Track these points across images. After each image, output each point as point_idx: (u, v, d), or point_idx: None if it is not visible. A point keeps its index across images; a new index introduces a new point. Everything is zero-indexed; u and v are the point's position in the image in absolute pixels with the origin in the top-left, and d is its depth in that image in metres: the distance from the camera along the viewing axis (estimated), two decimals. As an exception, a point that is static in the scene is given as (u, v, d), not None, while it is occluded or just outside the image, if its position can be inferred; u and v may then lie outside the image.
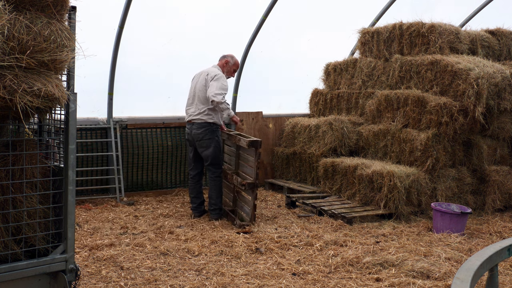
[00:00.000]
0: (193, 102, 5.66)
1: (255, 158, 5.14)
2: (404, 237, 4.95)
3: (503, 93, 5.89)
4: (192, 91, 5.72)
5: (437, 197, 5.86)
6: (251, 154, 5.30)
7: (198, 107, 5.57)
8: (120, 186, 6.50)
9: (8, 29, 2.34)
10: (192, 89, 5.72)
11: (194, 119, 5.59)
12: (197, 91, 5.60)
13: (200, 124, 5.55)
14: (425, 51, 6.51)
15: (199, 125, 5.56)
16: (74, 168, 2.85)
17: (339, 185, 6.41)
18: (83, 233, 4.91)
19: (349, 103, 7.58)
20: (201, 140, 5.55)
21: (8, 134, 2.91)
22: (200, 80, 5.64)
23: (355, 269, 4.03)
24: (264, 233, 4.95)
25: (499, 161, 6.40)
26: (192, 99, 5.68)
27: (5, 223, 2.74)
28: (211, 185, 5.62)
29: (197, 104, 5.59)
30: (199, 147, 5.60)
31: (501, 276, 3.98)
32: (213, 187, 5.61)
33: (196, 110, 5.58)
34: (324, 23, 8.23)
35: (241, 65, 7.64)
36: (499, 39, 7.16)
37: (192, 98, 5.69)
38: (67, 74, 2.88)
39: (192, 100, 5.67)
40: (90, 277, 3.74)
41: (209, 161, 5.59)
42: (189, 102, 5.73)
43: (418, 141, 5.90)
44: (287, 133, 7.70)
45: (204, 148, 5.56)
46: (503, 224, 5.62)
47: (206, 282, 3.67)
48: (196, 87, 5.64)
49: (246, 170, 5.46)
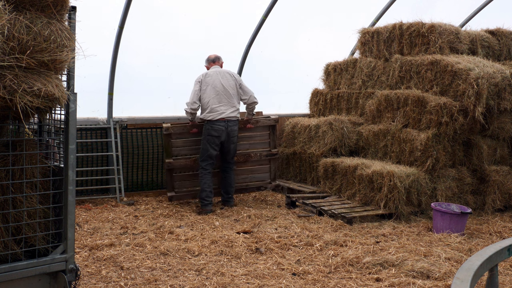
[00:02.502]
0: (221, 99, 5.89)
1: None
2: (404, 237, 4.95)
3: (503, 93, 5.89)
4: (218, 89, 5.88)
5: (437, 197, 5.86)
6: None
7: (232, 105, 5.93)
8: (120, 186, 6.50)
9: (8, 29, 2.34)
10: (219, 87, 5.88)
11: (230, 117, 5.92)
12: (229, 89, 5.90)
13: (235, 122, 6.00)
14: (425, 51, 6.51)
15: (235, 122, 5.99)
16: (74, 168, 2.85)
17: (339, 185, 6.41)
18: (83, 233, 4.91)
19: (349, 103, 7.58)
20: (234, 136, 6.01)
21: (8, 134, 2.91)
22: (227, 79, 5.93)
23: (355, 269, 4.03)
24: (264, 233, 4.95)
25: (499, 161, 6.40)
26: (221, 96, 5.88)
27: (5, 223, 2.74)
28: (232, 175, 6.22)
29: (230, 102, 5.92)
30: (231, 143, 6.01)
31: (501, 276, 3.98)
32: (233, 177, 6.22)
33: (230, 107, 5.92)
34: (324, 23, 8.24)
35: (241, 65, 7.64)
36: (499, 39, 7.15)
37: (221, 96, 5.88)
38: (67, 74, 2.89)
39: (221, 98, 5.89)
40: (90, 277, 3.74)
41: (233, 155, 6.14)
42: (217, 99, 5.88)
43: (418, 141, 5.90)
44: (287, 133, 7.70)
45: (234, 144, 6.07)
46: (503, 224, 5.62)
47: (206, 282, 3.67)
48: (225, 85, 5.89)
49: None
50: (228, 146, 6.02)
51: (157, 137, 6.98)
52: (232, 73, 6.04)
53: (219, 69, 6.03)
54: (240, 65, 7.63)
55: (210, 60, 6.17)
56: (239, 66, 7.63)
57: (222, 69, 6.05)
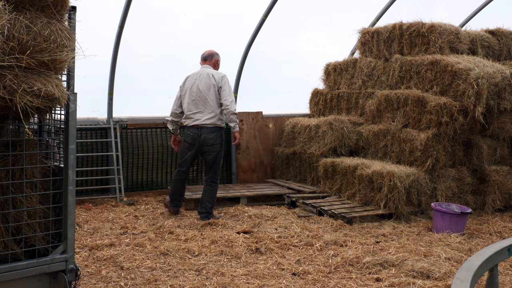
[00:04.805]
0: (198, 105, 5.41)
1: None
2: (404, 237, 4.95)
3: (503, 93, 5.89)
4: (192, 95, 5.44)
5: (437, 197, 5.86)
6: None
7: (210, 110, 5.38)
8: (120, 186, 6.50)
9: (8, 29, 2.34)
10: (195, 91, 5.42)
11: (205, 124, 5.37)
12: (205, 93, 5.38)
13: (211, 129, 5.38)
14: (425, 51, 6.51)
15: (210, 130, 5.38)
16: (74, 168, 2.85)
17: (339, 185, 6.41)
18: (83, 233, 4.91)
19: (349, 103, 7.58)
20: (212, 145, 5.40)
21: (8, 134, 2.91)
22: (204, 82, 5.41)
23: (355, 269, 4.02)
24: (264, 233, 4.95)
25: (499, 161, 6.40)
26: (197, 101, 5.42)
27: (5, 223, 2.74)
28: (208, 190, 5.53)
29: (207, 108, 5.38)
30: (206, 153, 5.44)
31: (501, 276, 3.97)
32: (209, 192, 5.53)
33: (206, 113, 5.38)
34: (324, 23, 8.24)
35: (241, 65, 7.64)
36: (499, 39, 7.15)
37: (197, 101, 5.42)
38: (67, 74, 2.88)
39: (198, 103, 5.41)
40: (90, 277, 3.74)
41: (213, 167, 5.50)
42: (193, 105, 5.43)
43: (418, 141, 5.90)
44: (287, 133, 7.70)
45: (213, 153, 5.44)
46: (503, 224, 5.62)
47: (206, 282, 3.67)
48: (202, 89, 5.40)
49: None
50: (204, 156, 5.49)
51: (157, 137, 6.99)
52: (213, 74, 5.44)
53: (202, 71, 5.52)
54: (240, 65, 7.63)
55: (201, 57, 5.71)
56: (239, 66, 7.63)
57: (204, 70, 5.51)
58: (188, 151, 5.56)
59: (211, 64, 5.65)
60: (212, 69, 5.60)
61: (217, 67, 5.72)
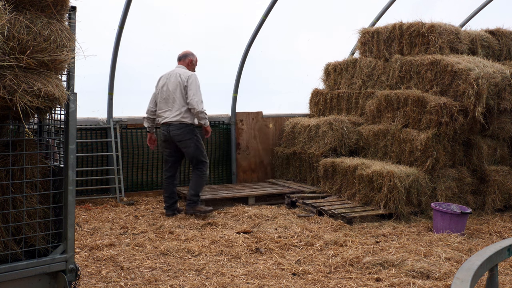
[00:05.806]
0: (168, 103, 5.63)
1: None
2: (404, 237, 4.95)
3: (503, 93, 5.88)
4: (163, 94, 5.66)
5: (437, 197, 5.86)
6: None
7: (177, 108, 5.58)
8: (120, 186, 6.50)
9: (8, 29, 2.34)
10: (164, 92, 5.64)
11: (172, 121, 5.59)
12: (173, 92, 5.58)
13: (177, 126, 5.60)
14: (425, 51, 6.51)
15: (176, 126, 5.60)
16: (74, 168, 2.85)
17: (339, 185, 6.40)
18: (83, 233, 4.91)
19: (349, 103, 7.58)
20: (181, 141, 5.63)
21: (8, 134, 2.91)
22: (172, 81, 5.60)
23: (355, 269, 4.02)
24: (264, 233, 4.95)
25: (499, 161, 6.40)
26: (167, 100, 5.63)
27: (5, 223, 2.74)
28: (193, 178, 5.72)
29: (175, 106, 5.58)
30: (182, 148, 5.68)
31: (501, 276, 3.97)
32: (193, 179, 5.71)
33: (173, 111, 5.59)
34: (324, 23, 8.23)
35: (241, 65, 7.64)
36: (499, 39, 7.15)
37: (167, 100, 5.63)
38: (67, 74, 2.88)
39: (168, 102, 5.63)
40: (90, 277, 3.74)
41: (194, 159, 5.70)
42: (163, 104, 5.66)
43: (418, 141, 5.90)
44: (287, 133, 7.70)
45: (187, 147, 5.66)
46: (503, 224, 5.62)
47: (206, 282, 3.67)
48: (171, 88, 5.59)
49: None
50: (183, 150, 5.72)
51: (157, 137, 6.97)
52: (181, 73, 5.63)
53: (173, 70, 5.72)
54: (240, 65, 7.63)
55: (177, 58, 5.90)
56: (239, 66, 7.63)
57: (175, 70, 5.71)
58: (167, 151, 5.83)
59: (184, 64, 5.82)
60: (184, 69, 5.76)
61: (191, 67, 5.85)
